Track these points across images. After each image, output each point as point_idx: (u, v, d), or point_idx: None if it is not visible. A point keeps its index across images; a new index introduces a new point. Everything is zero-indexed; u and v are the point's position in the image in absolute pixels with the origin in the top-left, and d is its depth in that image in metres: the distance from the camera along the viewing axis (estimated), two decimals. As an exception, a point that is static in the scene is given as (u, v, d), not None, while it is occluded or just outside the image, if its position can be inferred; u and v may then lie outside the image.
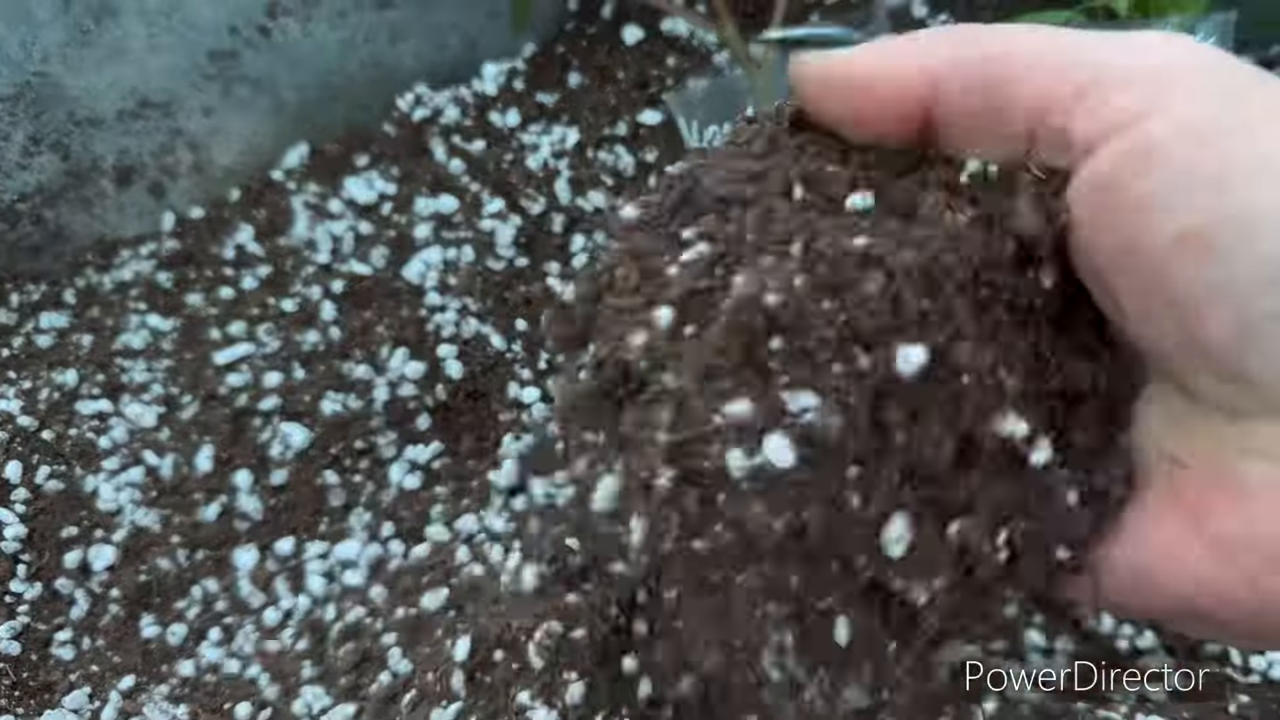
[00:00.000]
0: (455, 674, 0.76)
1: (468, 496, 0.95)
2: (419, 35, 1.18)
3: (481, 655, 0.76)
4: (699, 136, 0.96)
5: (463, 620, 0.81)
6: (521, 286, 1.05)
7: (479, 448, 0.98)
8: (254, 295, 1.09)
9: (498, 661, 0.74)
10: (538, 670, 0.72)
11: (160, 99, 1.16)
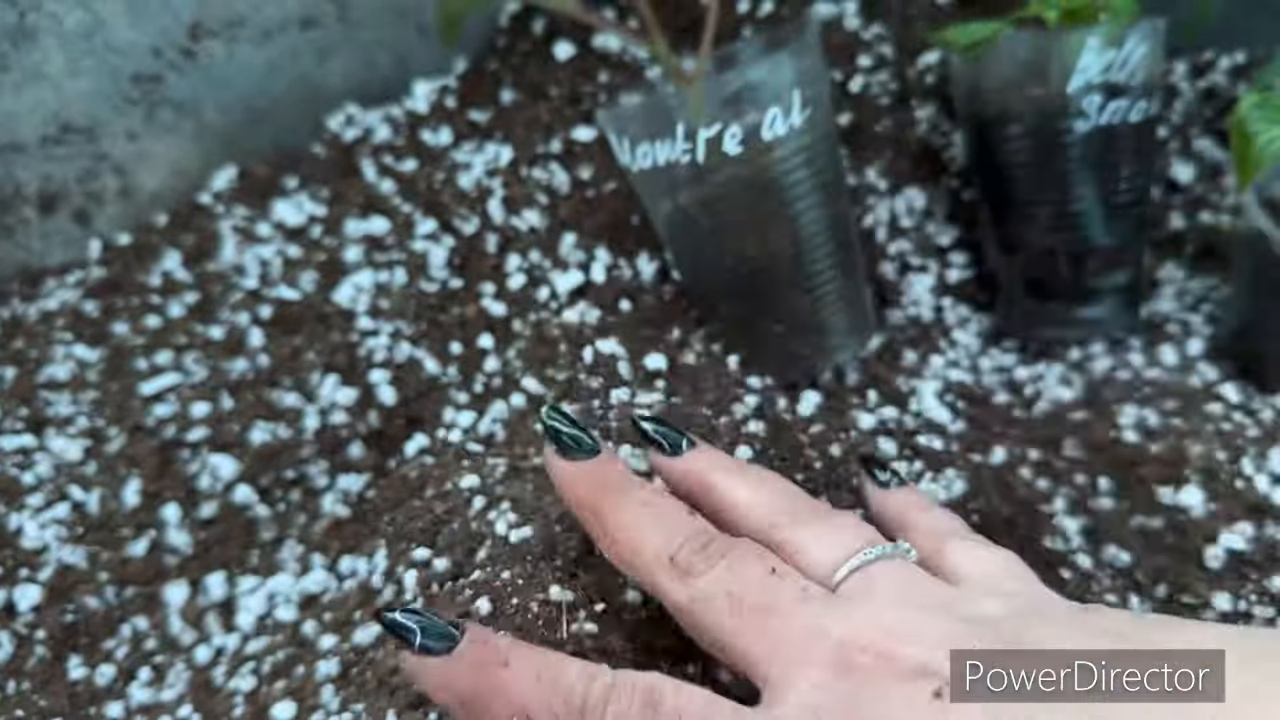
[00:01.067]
0: (388, 715, 0.74)
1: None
2: (346, 54, 1.16)
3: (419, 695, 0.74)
4: (630, 154, 0.95)
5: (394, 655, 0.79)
6: (455, 308, 1.04)
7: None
8: (181, 323, 1.06)
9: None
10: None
11: (83, 124, 1.13)
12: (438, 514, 0.86)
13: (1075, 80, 0.96)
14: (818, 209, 0.96)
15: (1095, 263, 1.03)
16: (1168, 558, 0.91)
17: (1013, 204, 1.04)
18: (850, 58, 1.14)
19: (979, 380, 1.07)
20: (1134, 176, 1.01)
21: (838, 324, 1.00)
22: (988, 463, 0.97)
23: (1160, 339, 1.09)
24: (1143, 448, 0.96)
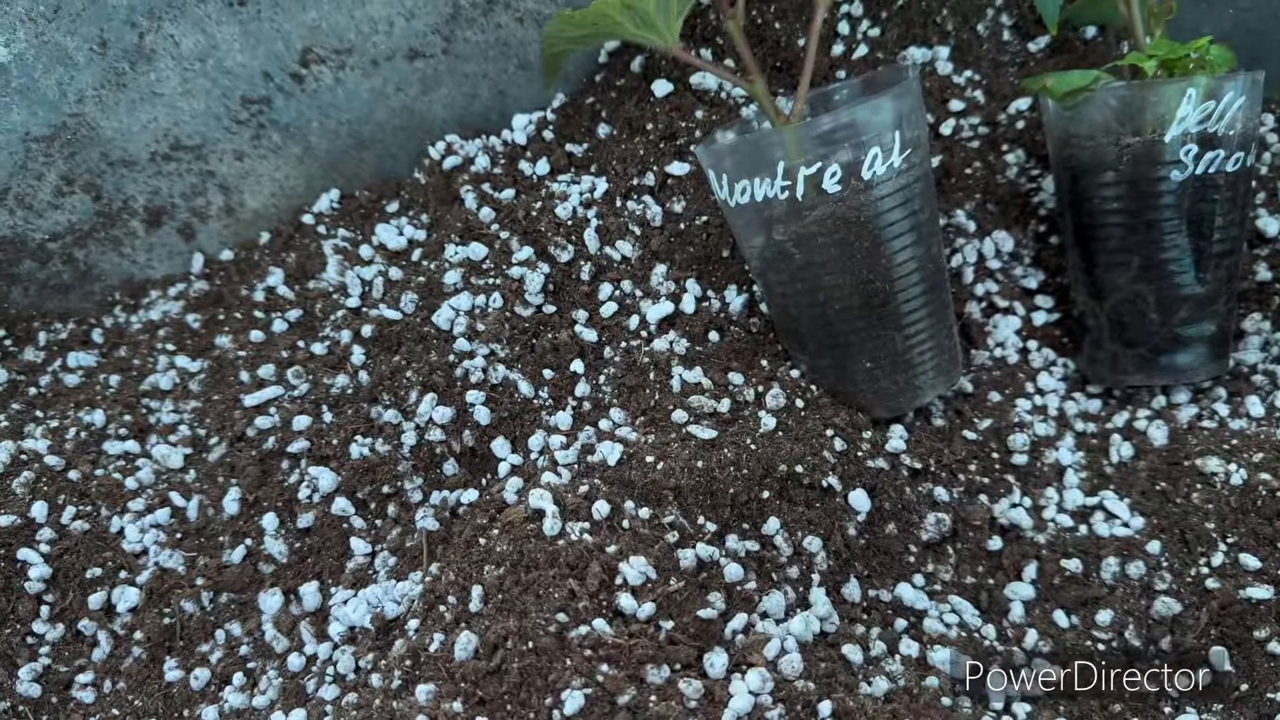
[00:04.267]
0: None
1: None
2: (450, 86, 1.20)
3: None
4: (728, 190, 0.97)
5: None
6: (549, 333, 1.06)
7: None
8: (283, 338, 1.09)
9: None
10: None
11: (192, 142, 1.17)
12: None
13: (1172, 130, 0.97)
14: (912, 248, 0.97)
15: (1185, 311, 1.04)
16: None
17: (1104, 249, 1.04)
18: (942, 101, 1.16)
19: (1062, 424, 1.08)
20: (1228, 226, 1.02)
21: (927, 363, 1.01)
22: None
23: (1246, 390, 1.09)
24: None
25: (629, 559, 0.85)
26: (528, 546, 0.87)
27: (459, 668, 0.81)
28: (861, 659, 0.90)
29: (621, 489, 0.92)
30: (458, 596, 0.86)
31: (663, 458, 0.95)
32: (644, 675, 0.80)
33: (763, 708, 0.81)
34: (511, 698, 0.79)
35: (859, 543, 0.98)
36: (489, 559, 0.87)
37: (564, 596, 0.83)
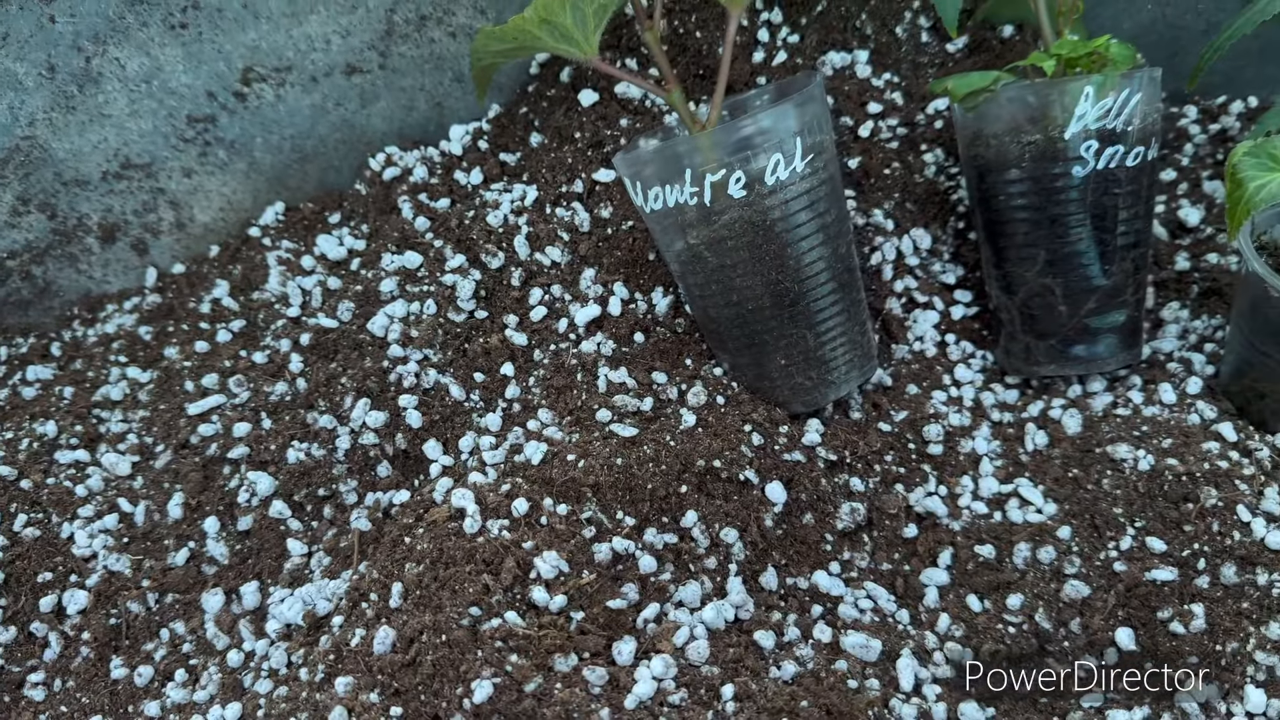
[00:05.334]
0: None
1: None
2: (388, 99, 1.24)
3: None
4: (643, 196, 1.01)
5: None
6: (480, 338, 1.10)
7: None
8: (227, 348, 1.14)
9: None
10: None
11: (142, 160, 1.22)
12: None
13: (1072, 127, 1.01)
14: (819, 249, 1.00)
15: (1093, 302, 1.07)
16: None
17: (1012, 245, 1.08)
18: (861, 104, 1.19)
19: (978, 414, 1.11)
20: (1132, 219, 1.05)
21: (840, 359, 1.05)
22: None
23: (1161, 377, 1.12)
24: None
25: (543, 554, 0.89)
26: (447, 544, 0.91)
27: (377, 661, 0.85)
28: (773, 644, 0.94)
29: (542, 487, 0.95)
30: (379, 593, 0.90)
31: (584, 456, 0.98)
32: (552, 664, 0.84)
33: (665, 692, 0.85)
34: (425, 688, 0.83)
35: (776, 533, 1.01)
36: (410, 557, 0.92)
37: (478, 591, 0.87)
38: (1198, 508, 1.00)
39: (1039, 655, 0.98)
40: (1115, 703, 0.94)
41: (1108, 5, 1.26)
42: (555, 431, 1.04)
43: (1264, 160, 0.95)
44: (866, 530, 1.05)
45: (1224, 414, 1.07)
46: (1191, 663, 0.94)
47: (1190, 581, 0.97)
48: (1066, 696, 0.95)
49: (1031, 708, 0.95)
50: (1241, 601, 0.94)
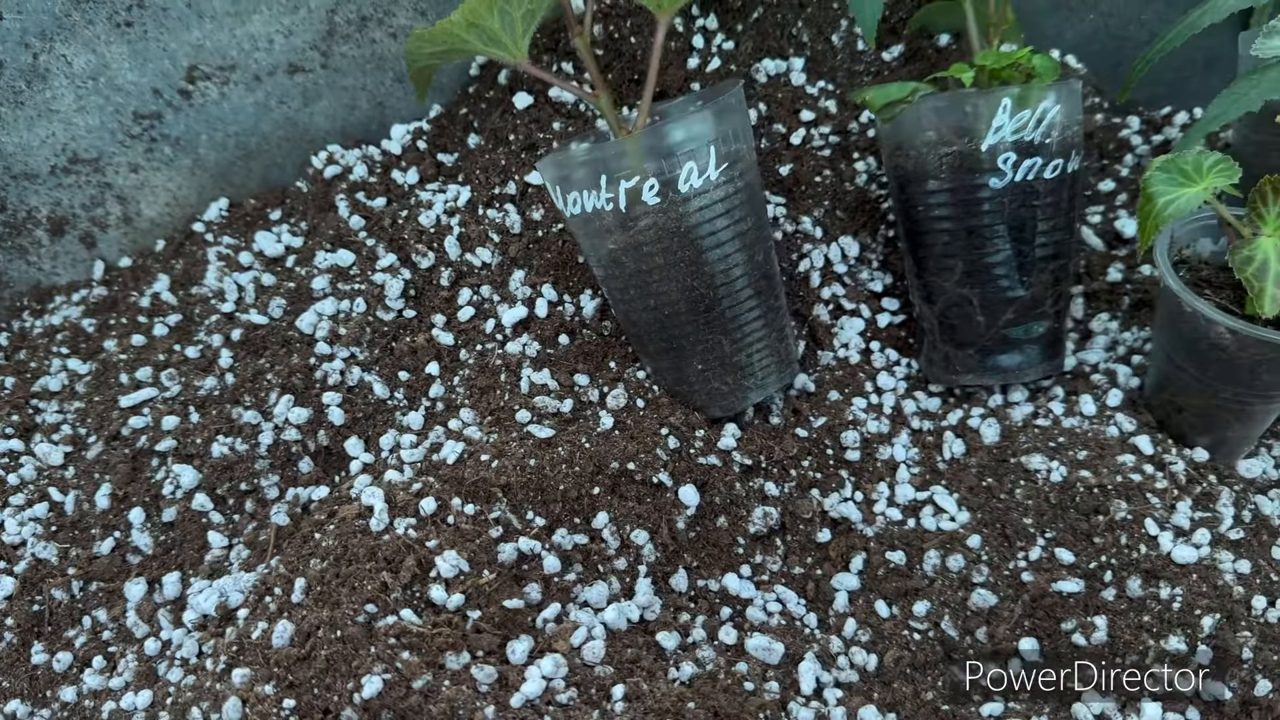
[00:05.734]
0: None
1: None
2: (330, 98, 1.26)
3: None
4: (563, 201, 1.02)
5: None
6: (408, 337, 1.12)
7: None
8: (163, 342, 1.16)
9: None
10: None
11: (90, 155, 1.24)
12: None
13: (989, 139, 1.01)
14: (736, 256, 1.01)
15: (1011, 313, 1.07)
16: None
17: (931, 255, 1.08)
18: (794, 112, 1.20)
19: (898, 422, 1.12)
20: (1051, 231, 1.05)
21: (756, 365, 1.06)
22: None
23: (1084, 389, 1.12)
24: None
25: (444, 553, 0.91)
26: (352, 541, 0.93)
27: (275, 654, 0.87)
28: (675, 645, 0.95)
29: (453, 487, 0.97)
30: (283, 588, 0.92)
31: (499, 456, 1.00)
32: (443, 662, 0.86)
33: (554, 691, 0.86)
34: (318, 682, 0.85)
35: (689, 535, 1.03)
36: (316, 553, 0.94)
37: (376, 588, 0.89)
38: (1107, 520, 1.00)
39: (944, 662, 0.99)
40: (1015, 712, 0.94)
41: (1050, 15, 1.26)
42: (475, 431, 1.05)
43: (1175, 175, 0.95)
44: (780, 534, 1.06)
45: (1143, 427, 1.07)
46: (1091, 675, 0.94)
47: (1097, 594, 0.98)
48: (968, 704, 0.96)
49: (933, 714, 0.96)
50: (1143, 615, 0.95)
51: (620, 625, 0.94)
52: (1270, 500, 1.06)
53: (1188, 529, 1.00)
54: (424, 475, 0.99)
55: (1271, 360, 0.96)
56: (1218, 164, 0.94)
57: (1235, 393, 1.01)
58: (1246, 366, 0.97)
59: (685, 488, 1.03)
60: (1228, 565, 0.98)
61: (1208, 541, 0.99)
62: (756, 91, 1.20)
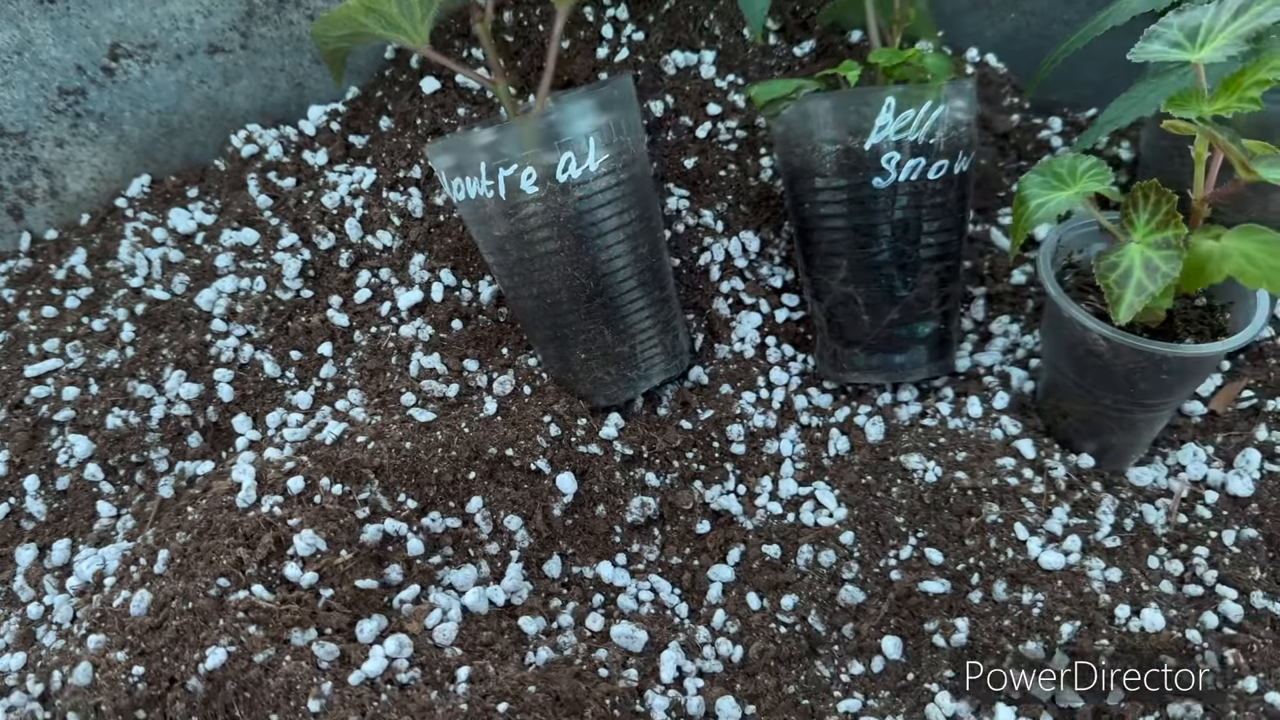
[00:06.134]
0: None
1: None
2: (250, 78, 1.27)
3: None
4: (449, 186, 1.03)
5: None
6: (303, 317, 1.13)
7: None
8: (72, 314, 1.18)
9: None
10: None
11: (16, 129, 1.26)
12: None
13: (873, 138, 1.01)
14: (618, 248, 1.02)
15: (895, 313, 1.07)
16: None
17: (818, 252, 1.08)
18: (701, 104, 1.20)
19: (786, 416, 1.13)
20: (938, 232, 1.05)
21: (641, 355, 1.07)
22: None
23: (975, 390, 1.12)
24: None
25: (301, 532, 0.93)
26: (216, 516, 0.95)
27: (131, 621, 0.89)
28: (537, 630, 0.97)
29: (324, 466, 0.99)
30: (148, 559, 0.94)
31: (376, 438, 1.02)
32: (288, 638, 0.88)
33: (396, 670, 0.88)
34: (167, 651, 0.87)
35: (565, 522, 1.04)
36: (183, 526, 0.96)
37: (232, 563, 0.91)
38: (978, 522, 1.00)
39: (809, 656, 0.99)
40: (872, 710, 0.95)
41: (970, 14, 1.25)
42: (360, 413, 1.07)
43: (1049, 179, 0.95)
44: (659, 524, 1.07)
45: (1028, 431, 1.07)
46: (948, 676, 0.95)
47: (963, 595, 0.98)
48: (828, 699, 0.96)
49: (793, 708, 0.96)
50: (1004, 619, 0.95)
51: (481, 608, 0.96)
52: (1156, 509, 1.05)
53: (1060, 535, 1.00)
54: (300, 454, 1.00)
55: (1145, 369, 0.96)
56: (1091, 168, 0.94)
57: (1114, 400, 1.00)
58: (1122, 374, 0.97)
59: (563, 475, 1.04)
60: (1097, 573, 0.97)
61: (1079, 548, 0.99)
62: (664, 83, 1.20)
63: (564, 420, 1.06)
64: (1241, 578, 0.99)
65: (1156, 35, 0.92)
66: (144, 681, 0.86)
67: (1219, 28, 0.88)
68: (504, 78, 1.08)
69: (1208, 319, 0.99)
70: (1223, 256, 0.89)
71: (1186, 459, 1.09)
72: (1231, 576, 0.99)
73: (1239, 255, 0.88)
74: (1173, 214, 0.88)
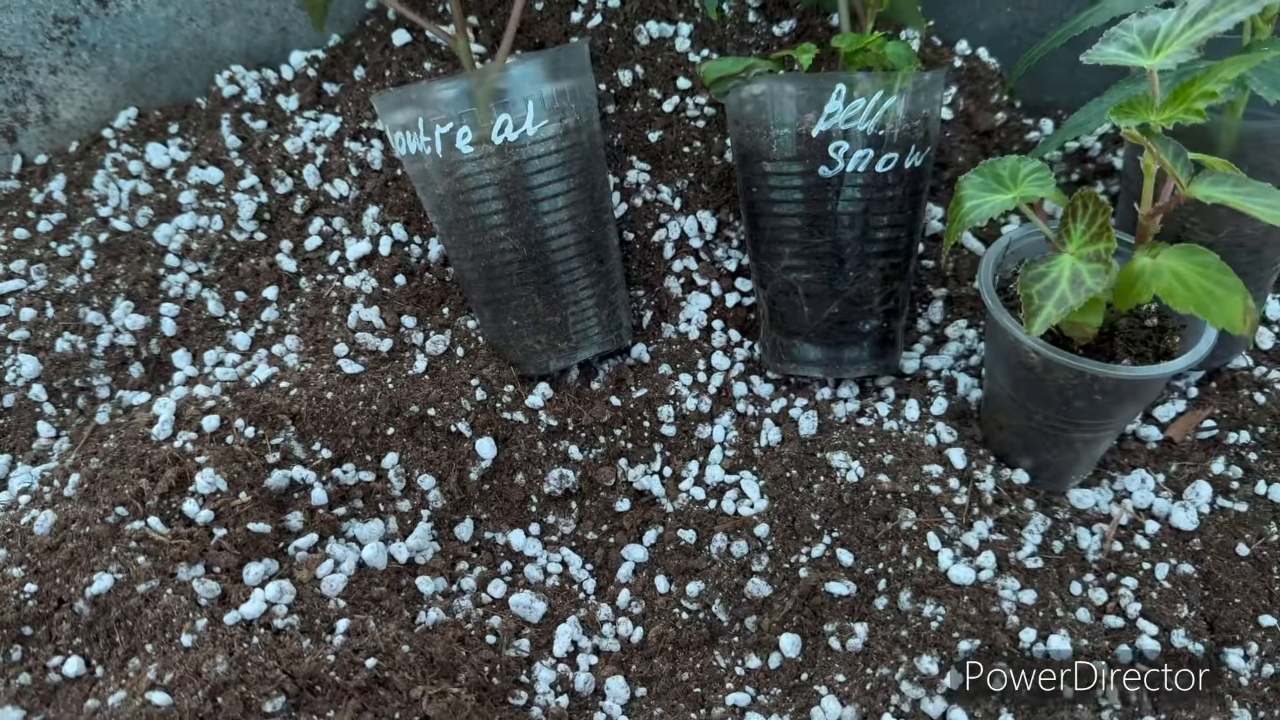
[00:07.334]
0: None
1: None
2: (236, 20, 1.28)
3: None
4: (394, 139, 1.03)
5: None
6: (253, 259, 1.14)
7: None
8: (42, 238, 1.21)
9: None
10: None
11: (13, 53, 1.29)
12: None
13: (820, 125, 0.98)
14: (553, 216, 1.01)
15: (835, 307, 1.04)
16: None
17: (763, 238, 1.06)
18: (671, 78, 1.17)
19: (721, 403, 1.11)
20: (885, 227, 1.02)
21: (573, 328, 1.06)
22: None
23: (916, 393, 1.09)
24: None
25: (204, 470, 0.94)
26: (130, 446, 0.97)
27: (33, 540, 0.91)
28: (434, 591, 0.97)
29: (243, 408, 1.00)
30: (61, 481, 0.97)
31: (299, 385, 1.02)
32: (174, 571, 0.89)
33: (274, 615, 0.89)
34: (60, 572, 0.89)
35: (481, 487, 1.04)
36: (99, 453, 0.98)
37: (134, 494, 0.93)
38: (893, 527, 0.98)
39: (707, 645, 0.98)
40: (760, 706, 0.94)
41: (963, 4, 1.21)
42: (293, 359, 1.08)
43: (989, 180, 0.91)
44: (578, 498, 1.06)
45: (963, 440, 1.04)
46: (839, 681, 0.93)
47: (868, 601, 0.95)
48: (719, 690, 0.95)
49: (683, 695, 0.95)
50: (903, 629, 0.93)
51: (380, 564, 0.96)
52: (1092, 534, 1.01)
53: (975, 549, 0.97)
54: (224, 395, 1.02)
55: (1077, 387, 0.92)
56: (1034, 172, 0.90)
57: (1046, 416, 0.96)
58: (1054, 390, 0.93)
59: (483, 440, 1.03)
60: (1009, 593, 0.94)
61: (993, 565, 0.95)
62: (635, 53, 1.18)
63: (491, 385, 1.06)
64: (1166, 614, 0.95)
65: (1115, 38, 0.87)
66: (35, 599, 0.88)
67: (1176, 33, 0.83)
68: (464, 34, 1.07)
69: (1153, 341, 0.94)
70: (1154, 274, 0.84)
71: (1134, 485, 1.05)
72: (1156, 612, 0.95)
73: (1169, 274, 0.83)
74: (1106, 227, 0.84)
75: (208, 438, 0.97)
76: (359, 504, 1.00)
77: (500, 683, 0.91)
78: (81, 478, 0.95)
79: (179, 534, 0.91)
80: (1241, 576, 0.97)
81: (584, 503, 1.06)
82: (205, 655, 0.84)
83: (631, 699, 0.95)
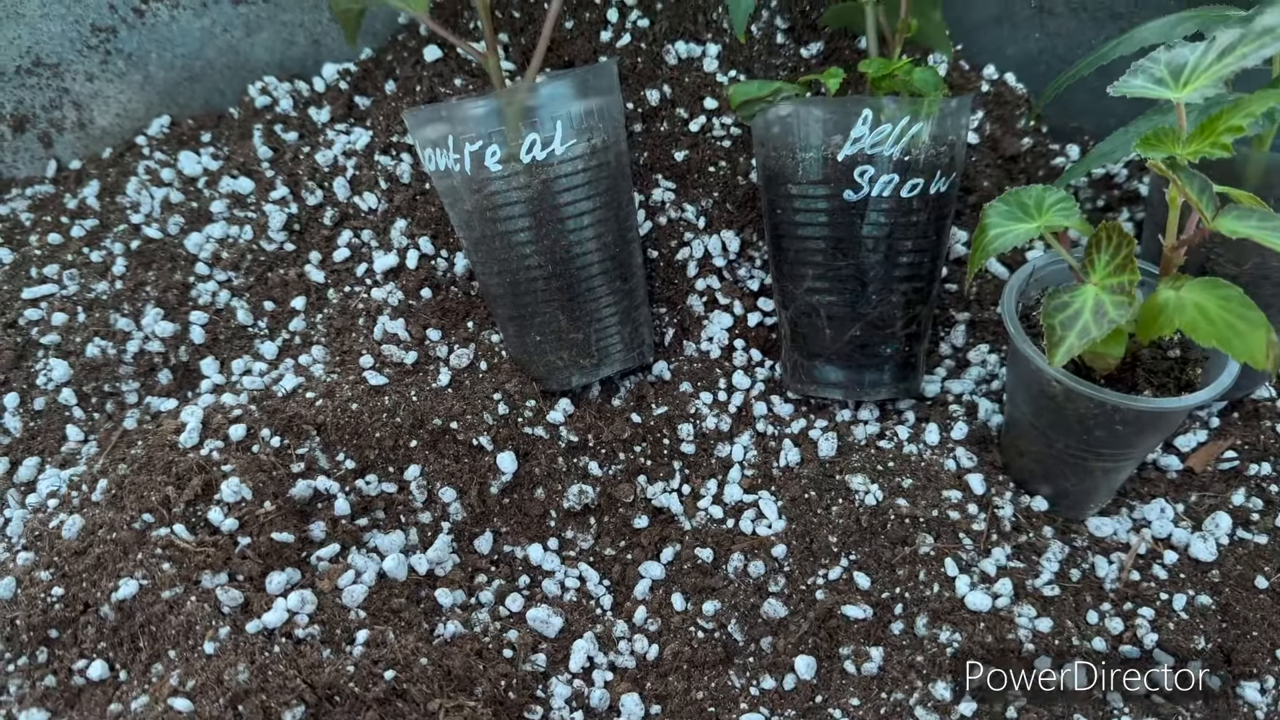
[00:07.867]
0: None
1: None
2: (270, 31, 1.30)
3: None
4: (423, 155, 1.04)
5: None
6: (282, 269, 1.16)
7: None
8: (75, 243, 1.23)
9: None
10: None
11: (51, 60, 1.31)
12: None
13: (846, 149, 0.98)
14: (579, 234, 1.02)
15: (857, 330, 1.05)
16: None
17: (786, 260, 1.06)
18: (699, 98, 1.18)
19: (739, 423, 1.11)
20: (908, 252, 1.02)
21: (595, 345, 1.06)
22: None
23: (937, 417, 1.09)
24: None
25: (230, 478, 0.95)
26: (157, 453, 0.98)
27: (61, 544, 0.93)
28: (453, 603, 0.98)
29: (269, 418, 1.01)
30: (90, 486, 0.98)
31: (325, 396, 1.04)
32: (198, 579, 0.91)
33: (296, 624, 0.90)
34: (86, 576, 0.91)
35: (501, 501, 1.05)
36: (126, 459, 0.99)
37: (160, 500, 0.94)
38: (910, 552, 0.98)
39: (723, 664, 0.99)
40: (773, 727, 0.94)
41: (992, 29, 1.21)
42: (319, 370, 1.09)
43: (1014, 209, 0.91)
44: (596, 514, 1.07)
45: (983, 465, 1.04)
46: (853, 705, 0.93)
47: (884, 625, 0.96)
48: (734, 709, 0.96)
49: (698, 714, 0.96)
50: (918, 654, 0.93)
51: (400, 575, 0.97)
52: (1110, 563, 1.01)
53: (993, 576, 0.97)
54: (251, 404, 1.03)
55: (1098, 416, 0.92)
56: (1059, 202, 0.90)
57: (1067, 444, 0.97)
58: (1075, 419, 0.93)
59: (505, 454, 1.04)
60: (1025, 620, 0.94)
61: (1009, 592, 0.96)
62: (663, 73, 1.18)
63: (513, 400, 1.07)
64: (1183, 646, 0.95)
65: (1142, 70, 0.87)
66: (61, 603, 0.90)
67: (1203, 68, 0.83)
68: (495, 52, 1.08)
69: (1175, 372, 0.94)
70: (1177, 308, 0.84)
71: (1153, 514, 1.05)
72: (1172, 643, 0.95)
73: (1193, 308, 0.83)
74: (1130, 259, 0.84)
75: (234, 446, 0.99)
76: (381, 515, 1.01)
77: (516, 697, 0.92)
78: (109, 483, 0.97)
79: (204, 542, 0.92)
80: (1260, 609, 0.96)
81: (603, 519, 1.07)
82: (227, 663, 0.85)
83: (646, 716, 0.95)
